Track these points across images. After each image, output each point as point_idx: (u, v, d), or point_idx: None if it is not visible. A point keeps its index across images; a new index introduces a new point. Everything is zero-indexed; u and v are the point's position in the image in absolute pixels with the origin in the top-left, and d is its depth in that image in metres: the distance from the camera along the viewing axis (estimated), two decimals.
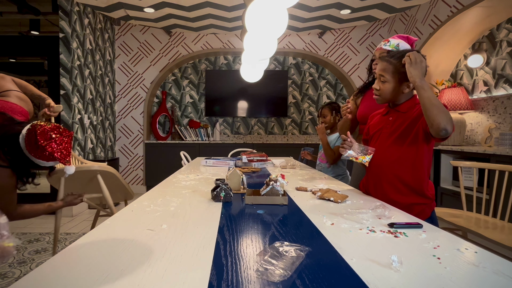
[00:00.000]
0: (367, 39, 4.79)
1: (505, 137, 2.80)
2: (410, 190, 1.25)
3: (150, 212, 1.01)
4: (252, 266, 0.62)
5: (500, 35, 3.16)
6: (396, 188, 1.27)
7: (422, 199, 1.25)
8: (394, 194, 1.27)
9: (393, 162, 1.27)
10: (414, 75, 1.15)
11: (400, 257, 0.62)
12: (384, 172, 1.30)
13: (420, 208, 1.24)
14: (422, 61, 1.17)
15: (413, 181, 1.25)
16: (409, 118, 1.26)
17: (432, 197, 1.28)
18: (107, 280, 0.56)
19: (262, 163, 2.35)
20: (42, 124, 1.20)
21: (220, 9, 3.76)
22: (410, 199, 1.25)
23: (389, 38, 1.62)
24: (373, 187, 1.35)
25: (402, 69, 1.23)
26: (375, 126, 1.42)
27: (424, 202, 1.25)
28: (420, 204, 1.25)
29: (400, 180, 1.26)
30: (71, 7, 3.58)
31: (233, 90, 4.94)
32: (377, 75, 1.31)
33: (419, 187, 1.24)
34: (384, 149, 1.31)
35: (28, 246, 2.61)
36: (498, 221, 1.85)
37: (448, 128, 1.08)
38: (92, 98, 4.09)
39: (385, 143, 1.32)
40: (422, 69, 1.17)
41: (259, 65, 2.70)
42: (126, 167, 4.87)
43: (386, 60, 1.28)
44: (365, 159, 1.27)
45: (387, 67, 1.27)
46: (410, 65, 1.17)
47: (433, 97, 1.11)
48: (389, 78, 1.26)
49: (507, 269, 0.61)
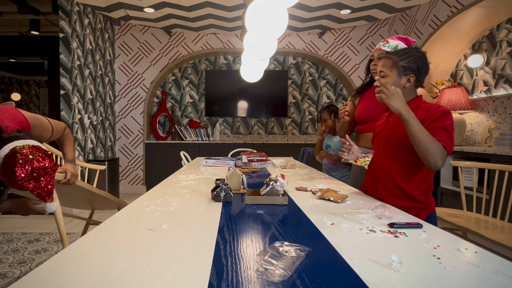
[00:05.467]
0: (367, 39, 4.79)
1: (505, 137, 2.80)
2: (403, 193, 1.24)
3: (150, 212, 1.01)
4: (252, 266, 0.62)
5: (500, 35, 3.16)
6: (391, 191, 1.26)
7: (415, 203, 1.24)
8: (388, 197, 1.26)
9: (388, 165, 1.27)
10: (397, 107, 1.12)
11: (400, 257, 0.62)
12: (380, 174, 1.30)
13: (414, 211, 1.21)
14: (398, 91, 1.13)
15: (406, 184, 1.23)
16: None
17: (427, 201, 1.26)
18: (107, 280, 0.56)
19: (262, 163, 2.35)
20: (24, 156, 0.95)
21: (220, 9, 3.76)
22: (404, 202, 1.23)
23: (387, 39, 1.62)
24: (372, 189, 1.35)
25: (401, 63, 1.23)
26: (378, 127, 1.42)
27: (419, 206, 1.24)
28: (414, 208, 1.23)
29: (394, 183, 1.25)
30: (71, 7, 3.58)
31: (233, 90, 4.94)
32: (377, 73, 1.31)
33: (413, 191, 1.23)
34: (381, 151, 1.31)
35: (28, 246, 2.61)
36: (498, 221, 1.85)
37: (439, 164, 1.09)
38: (92, 98, 4.09)
39: (383, 144, 1.32)
40: (401, 99, 1.13)
41: (259, 65, 2.70)
42: (126, 167, 4.87)
43: (385, 57, 1.29)
44: (364, 161, 1.27)
45: (386, 62, 1.27)
46: (388, 99, 1.14)
47: (420, 131, 1.09)
48: (388, 72, 1.26)
49: (507, 269, 0.61)
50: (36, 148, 1.01)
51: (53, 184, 1.02)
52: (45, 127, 1.35)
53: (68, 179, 1.46)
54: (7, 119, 1.14)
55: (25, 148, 0.98)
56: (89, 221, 2.33)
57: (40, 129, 1.32)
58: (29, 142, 1.02)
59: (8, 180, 0.96)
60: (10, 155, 0.95)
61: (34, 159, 0.97)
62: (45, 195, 1.00)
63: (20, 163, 0.94)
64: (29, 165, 0.95)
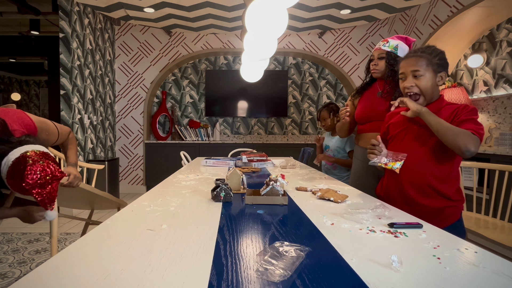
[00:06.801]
0: (367, 39, 4.79)
1: (505, 137, 2.80)
2: (438, 193, 1.21)
3: (150, 212, 1.01)
4: (252, 266, 0.62)
5: (500, 35, 3.16)
6: (425, 192, 1.22)
7: (450, 202, 1.21)
8: (422, 198, 1.21)
9: (421, 165, 1.21)
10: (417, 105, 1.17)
11: (400, 257, 0.62)
12: (411, 175, 1.23)
13: (450, 210, 1.21)
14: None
15: (441, 184, 1.20)
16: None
17: (461, 198, 1.23)
18: (107, 280, 0.56)
19: (262, 163, 2.35)
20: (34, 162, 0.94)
21: (220, 9, 3.76)
22: (440, 202, 1.20)
23: (388, 38, 1.62)
24: (396, 192, 1.29)
25: (435, 61, 1.19)
26: (398, 125, 1.33)
27: (454, 204, 1.21)
28: (450, 207, 1.21)
29: (428, 184, 1.21)
30: (71, 7, 3.58)
31: (233, 90, 4.94)
32: (405, 73, 1.24)
33: (447, 190, 1.20)
34: (412, 151, 1.23)
35: (28, 246, 2.61)
36: (498, 221, 1.85)
37: (470, 148, 1.04)
38: (92, 98, 4.09)
39: (412, 144, 1.25)
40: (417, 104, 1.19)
41: (259, 65, 2.70)
42: (126, 167, 4.87)
43: (415, 56, 1.21)
44: (395, 165, 1.18)
45: (419, 61, 1.19)
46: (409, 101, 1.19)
47: (439, 121, 1.12)
48: (424, 72, 1.19)
49: (507, 269, 0.61)
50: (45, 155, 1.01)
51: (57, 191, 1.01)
52: (51, 131, 1.35)
53: (71, 182, 1.44)
54: (15, 123, 1.13)
55: (36, 154, 0.97)
56: (89, 221, 2.33)
57: (47, 133, 1.31)
58: (39, 148, 1.02)
59: (14, 183, 0.95)
60: (21, 159, 0.94)
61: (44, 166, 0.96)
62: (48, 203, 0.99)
63: (30, 168, 0.93)
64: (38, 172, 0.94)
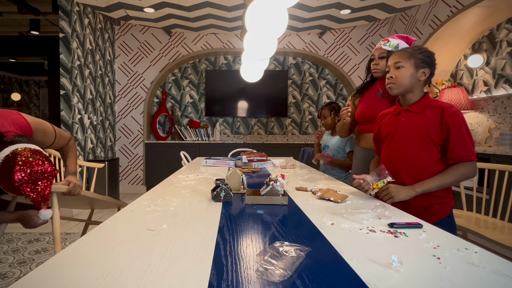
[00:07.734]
0: (367, 39, 4.79)
1: (505, 137, 2.80)
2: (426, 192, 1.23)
3: (150, 212, 1.01)
4: (252, 266, 0.62)
5: (500, 35, 3.16)
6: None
7: (437, 199, 1.24)
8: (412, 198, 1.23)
9: (409, 166, 1.25)
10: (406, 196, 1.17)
11: (400, 257, 0.62)
12: (400, 175, 1.27)
13: (438, 207, 1.23)
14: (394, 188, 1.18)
15: None
16: (424, 120, 1.23)
17: (449, 195, 1.26)
18: (107, 280, 0.56)
19: (262, 163, 2.35)
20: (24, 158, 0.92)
21: (220, 9, 3.76)
22: (427, 201, 1.23)
23: (388, 38, 1.62)
24: None
25: (418, 55, 1.22)
26: (387, 127, 1.37)
27: (442, 201, 1.24)
28: (438, 204, 1.23)
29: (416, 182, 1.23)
30: (71, 7, 3.58)
31: (233, 90, 4.94)
32: (390, 66, 1.29)
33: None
34: (399, 152, 1.28)
35: (28, 246, 2.61)
36: (498, 221, 1.85)
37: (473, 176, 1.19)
38: (92, 98, 4.09)
39: (399, 145, 1.29)
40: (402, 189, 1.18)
41: (259, 65, 2.70)
42: (126, 167, 4.87)
43: (400, 50, 1.28)
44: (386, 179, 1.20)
45: (402, 54, 1.25)
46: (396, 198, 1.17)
47: (440, 183, 1.18)
48: (405, 63, 1.24)
49: (507, 269, 0.61)
50: (37, 152, 1.00)
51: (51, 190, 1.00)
52: (48, 132, 1.34)
53: (71, 190, 1.43)
54: (9, 124, 1.13)
55: (26, 150, 0.97)
56: (89, 222, 2.32)
57: (43, 134, 1.31)
58: (30, 145, 1.01)
59: (5, 182, 0.94)
60: (10, 156, 0.93)
61: (34, 162, 0.95)
62: (41, 201, 0.98)
63: (20, 164, 0.92)
64: (28, 168, 0.93)
